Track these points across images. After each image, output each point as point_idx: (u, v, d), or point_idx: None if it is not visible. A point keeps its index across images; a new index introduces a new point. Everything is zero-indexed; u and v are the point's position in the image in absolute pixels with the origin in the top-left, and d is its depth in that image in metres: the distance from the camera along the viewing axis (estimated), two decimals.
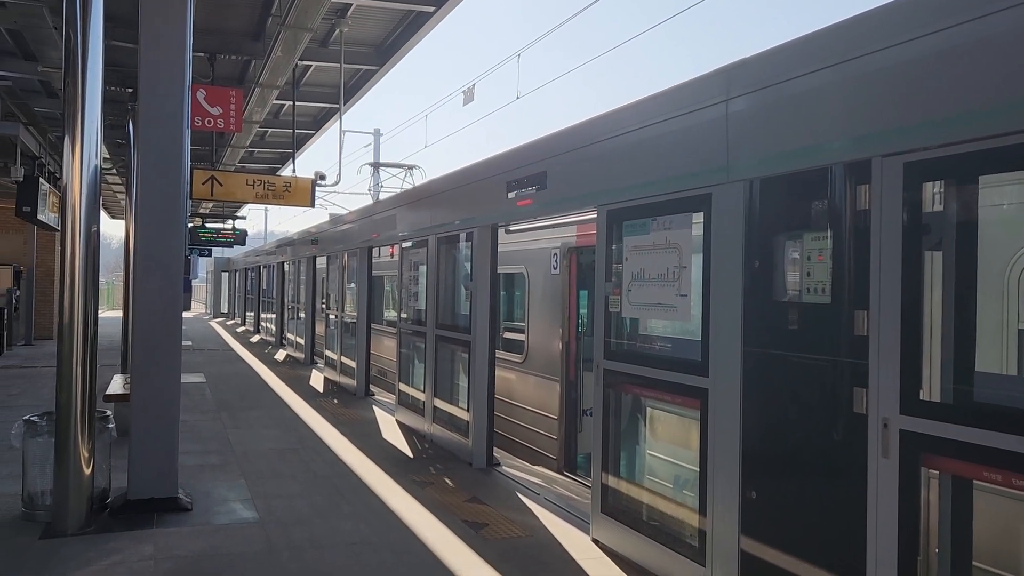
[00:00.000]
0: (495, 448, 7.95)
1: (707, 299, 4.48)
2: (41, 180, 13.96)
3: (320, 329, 16.64)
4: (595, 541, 5.54)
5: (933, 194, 3.46)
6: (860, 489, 3.47)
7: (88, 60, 5.55)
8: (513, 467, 7.89)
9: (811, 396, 3.89)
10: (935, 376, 3.39)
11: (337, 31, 11.28)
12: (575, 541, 5.59)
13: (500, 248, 7.91)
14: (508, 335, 10.65)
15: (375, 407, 11.67)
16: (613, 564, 5.13)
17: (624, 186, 5.32)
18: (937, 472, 3.36)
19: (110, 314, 33.22)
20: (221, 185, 11.90)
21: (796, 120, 3.92)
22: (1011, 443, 2.92)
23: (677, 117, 4.79)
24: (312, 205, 12.55)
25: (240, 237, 26.33)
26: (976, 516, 3.49)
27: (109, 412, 6.42)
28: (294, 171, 14.33)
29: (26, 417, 6.04)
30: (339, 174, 14.01)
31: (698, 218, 4.63)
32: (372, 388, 12.78)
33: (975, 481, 3.18)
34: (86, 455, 5.60)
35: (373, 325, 13.12)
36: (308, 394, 12.88)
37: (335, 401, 12.23)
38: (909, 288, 3.31)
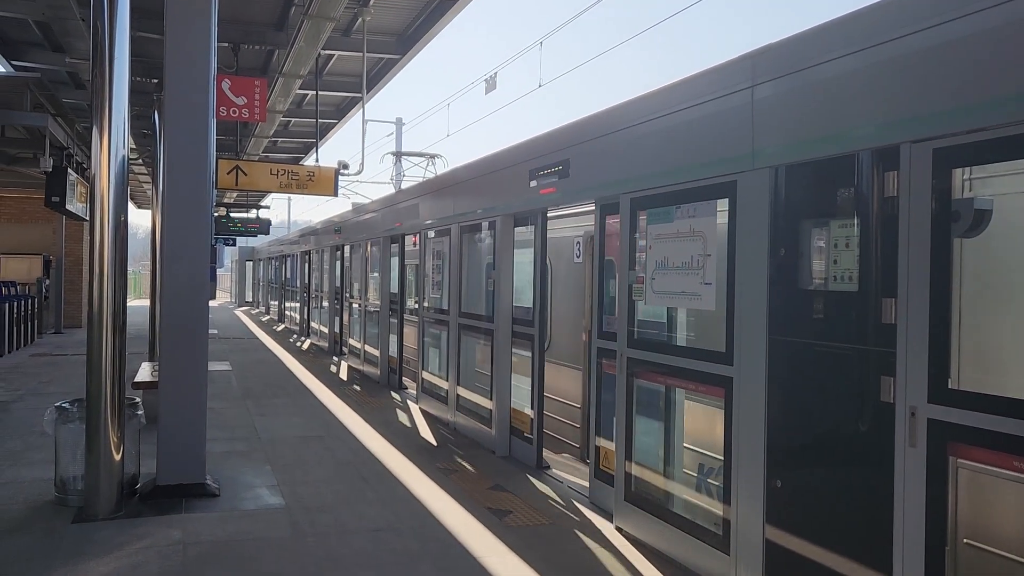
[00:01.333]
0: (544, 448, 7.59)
1: (732, 287, 4.45)
2: (69, 171, 14.12)
3: (346, 318, 16.75)
4: (619, 529, 5.55)
5: (963, 180, 3.42)
6: (887, 478, 3.44)
7: (115, 51, 5.60)
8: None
9: (837, 385, 3.86)
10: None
11: (360, 20, 11.28)
12: (599, 529, 5.60)
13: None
14: None
15: (398, 395, 11.74)
16: (637, 552, 5.14)
17: (648, 174, 5.29)
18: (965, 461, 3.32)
19: (137, 303, 33.66)
20: (245, 175, 11.99)
21: (822, 106, 3.87)
22: None
23: (702, 104, 4.75)
24: (335, 194, 12.62)
25: (264, 226, 26.53)
26: (1009, 507, 3.45)
27: (138, 399, 6.52)
28: (317, 160, 14.43)
29: (57, 404, 6.15)
30: (362, 163, 14.04)
31: (723, 205, 4.60)
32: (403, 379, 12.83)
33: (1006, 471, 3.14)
34: (116, 441, 5.69)
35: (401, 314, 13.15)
36: (332, 382, 12.98)
37: (359, 389, 12.32)
38: (938, 276, 3.27)
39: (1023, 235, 3.71)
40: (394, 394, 11.86)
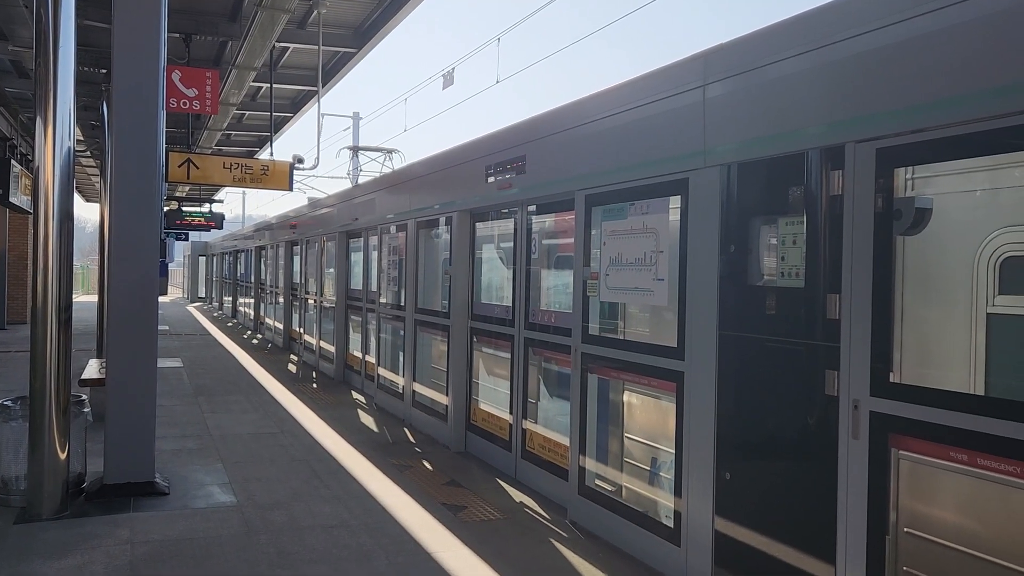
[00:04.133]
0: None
1: (684, 283, 4.51)
2: (13, 162, 13.75)
3: (301, 314, 16.56)
4: (572, 523, 5.59)
5: (905, 180, 3.51)
6: (831, 469, 3.53)
7: (60, 40, 5.46)
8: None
9: (784, 378, 3.95)
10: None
11: (315, 12, 11.16)
12: (552, 523, 5.64)
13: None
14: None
15: (354, 392, 11.67)
16: (590, 545, 5.19)
17: (602, 170, 5.33)
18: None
19: (86, 298, 32.85)
20: (197, 168, 11.78)
21: (772, 105, 3.94)
22: (978, 424, 2.99)
23: (654, 102, 4.81)
24: (290, 189, 12.46)
25: (217, 221, 26.06)
26: (947, 497, 3.56)
27: (84, 397, 6.37)
28: (272, 154, 14.23)
29: None
30: (317, 158, 13.89)
31: (675, 203, 4.66)
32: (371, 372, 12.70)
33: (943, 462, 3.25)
34: (61, 439, 5.55)
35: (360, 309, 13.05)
36: (287, 379, 12.84)
37: (314, 386, 12.21)
38: (880, 272, 3.37)
39: (961, 232, 3.83)
40: (352, 391, 11.78)
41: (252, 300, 22.94)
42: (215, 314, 30.14)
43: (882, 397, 3.35)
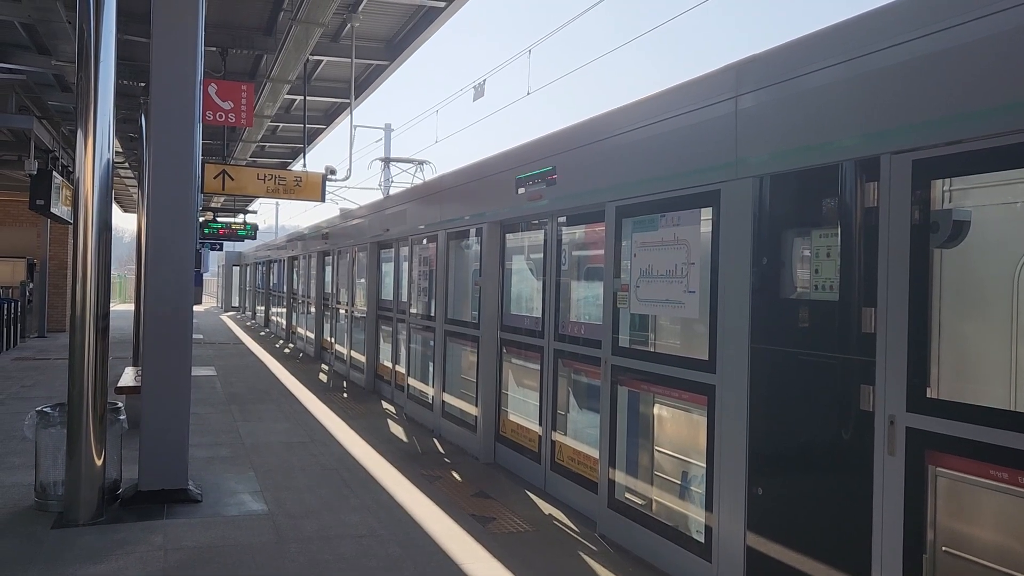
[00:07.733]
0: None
1: (715, 296, 4.48)
2: (55, 174, 14.05)
3: (332, 324, 16.69)
4: (602, 536, 5.55)
5: (942, 191, 3.45)
6: (866, 486, 3.47)
7: (101, 54, 5.59)
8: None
9: (818, 393, 3.89)
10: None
11: (348, 26, 11.29)
12: (582, 536, 5.60)
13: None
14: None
15: (384, 402, 11.72)
16: (619, 559, 5.14)
17: (633, 182, 5.32)
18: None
19: (122, 307, 33.46)
20: (232, 179, 11.94)
21: (805, 116, 3.91)
22: (1018, 441, 2.92)
23: (686, 113, 4.79)
24: (323, 200, 12.58)
25: (251, 231, 26.39)
26: (987, 515, 3.48)
27: (120, 404, 6.47)
28: (305, 166, 14.37)
29: (39, 408, 6.10)
30: (349, 169, 14.06)
31: (707, 214, 4.63)
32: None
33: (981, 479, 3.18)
34: (97, 446, 5.65)
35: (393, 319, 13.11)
36: (318, 388, 12.94)
37: (345, 395, 12.29)
38: (917, 286, 3.31)
39: (1001, 245, 3.75)
40: (382, 401, 11.84)
41: (284, 310, 23.20)
42: (248, 323, 30.51)
43: (919, 413, 3.28)
